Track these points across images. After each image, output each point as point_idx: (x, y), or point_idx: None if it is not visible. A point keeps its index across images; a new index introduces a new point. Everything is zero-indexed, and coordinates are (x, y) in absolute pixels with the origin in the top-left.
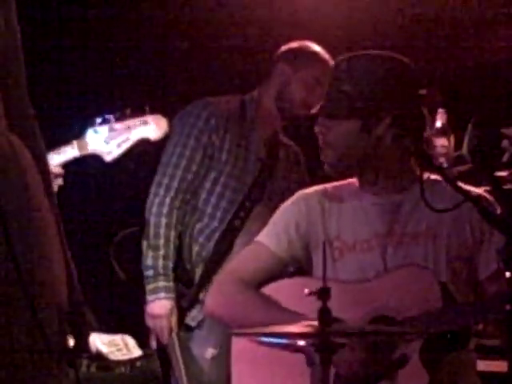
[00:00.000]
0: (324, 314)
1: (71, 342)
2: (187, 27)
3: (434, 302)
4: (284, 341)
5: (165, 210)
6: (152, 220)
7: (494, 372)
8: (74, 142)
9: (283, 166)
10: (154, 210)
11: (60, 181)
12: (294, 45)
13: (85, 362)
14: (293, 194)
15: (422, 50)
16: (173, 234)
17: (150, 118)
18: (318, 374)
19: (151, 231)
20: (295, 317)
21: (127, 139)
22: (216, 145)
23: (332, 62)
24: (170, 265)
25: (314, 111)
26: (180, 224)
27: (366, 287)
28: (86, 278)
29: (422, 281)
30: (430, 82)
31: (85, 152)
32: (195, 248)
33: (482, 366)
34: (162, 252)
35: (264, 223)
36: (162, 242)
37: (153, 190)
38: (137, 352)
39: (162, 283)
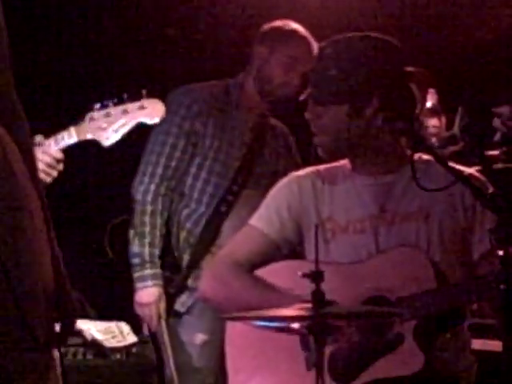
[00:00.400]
0: (317, 297)
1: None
2: (182, 15)
3: (428, 282)
4: (278, 324)
5: (149, 197)
6: (138, 208)
7: (489, 351)
8: (72, 128)
9: (270, 149)
10: (139, 197)
11: (60, 166)
12: (270, 25)
13: (81, 350)
14: (281, 178)
15: (412, 31)
16: (159, 221)
17: (146, 103)
18: (312, 357)
19: (137, 219)
20: (290, 297)
21: (124, 124)
22: (199, 131)
23: (311, 39)
24: (157, 252)
25: (302, 97)
26: (166, 211)
27: (358, 268)
28: (81, 266)
29: (414, 261)
30: (420, 61)
31: (83, 137)
32: (182, 234)
33: (477, 344)
34: (147, 239)
35: (253, 207)
36: (147, 229)
37: (137, 178)
38: (132, 338)
39: (148, 271)
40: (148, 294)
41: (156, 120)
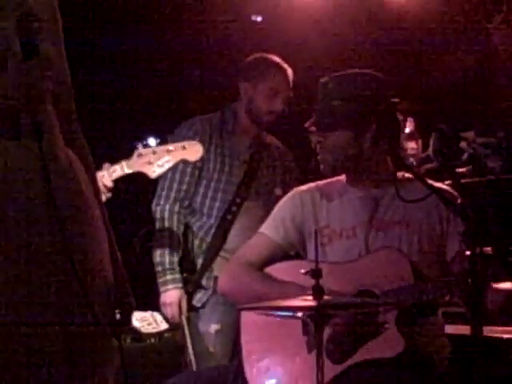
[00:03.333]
0: (317, 290)
1: (117, 317)
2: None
3: (407, 279)
4: (284, 313)
5: (166, 215)
6: (157, 225)
7: (460, 335)
8: (123, 162)
9: (267, 165)
10: (158, 216)
11: (110, 194)
12: (249, 60)
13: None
14: (278, 189)
15: (395, 69)
16: (175, 234)
17: (187, 144)
18: (312, 341)
19: (157, 234)
20: (295, 287)
21: (169, 160)
22: (203, 157)
23: (287, 68)
24: (176, 259)
25: (307, 124)
26: (182, 225)
27: (350, 267)
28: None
29: (397, 261)
30: (400, 94)
31: (133, 170)
32: (196, 242)
33: (450, 329)
34: (167, 250)
35: (253, 216)
36: (166, 241)
37: (155, 200)
38: (164, 326)
39: (169, 276)
40: (169, 295)
41: (197, 158)
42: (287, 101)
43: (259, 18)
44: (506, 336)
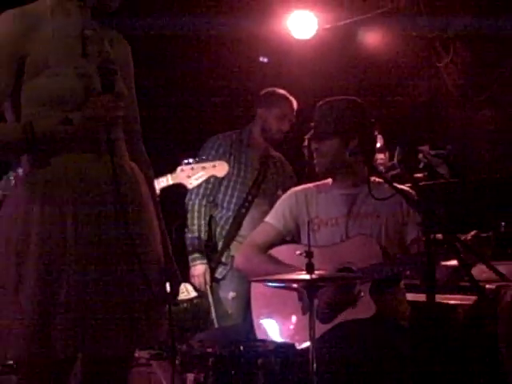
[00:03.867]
0: (309, 267)
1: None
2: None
3: (377, 258)
4: (284, 284)
5: (196, 208)
6: (189, 215)
7: (417, 301)
8: (169, 175)
9: (272, 172)
10: (189, 208)
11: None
12: (264, 92)
13: None
14: (281, 190)
15: (368, 97)
16: (202, 222)
17: (217, 163)
18: (306, 305)
19: (189, 222)
20: (291, 268)
21: (203, 175)
22: None
23: (292, 99)
24: (202, 242)
25: (307, 136)
26: (208, 215)
27: (334, 249)
28: None
29: (369, 244)
30: (372, 115)
31: (175, 182)
32: (218, 229)
33: (409, 296)
34: (196, 234)
35: (262, 210)
36: (195, 228)
37: (187, 196)
38: (193, 294)
39: (197, 254)
40: (197, 269)
41: (223, 174)
42: (292, 123)
43: (266, 60)
44: (451, 302)
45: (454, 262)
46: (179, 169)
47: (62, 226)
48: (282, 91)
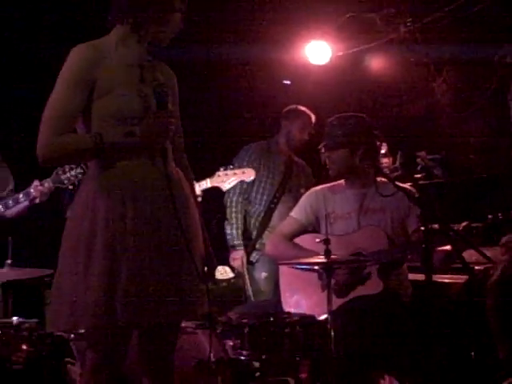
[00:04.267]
0: (327, 252)
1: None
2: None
3: (384, 245)
4: (306, 266)
5: (233, 204)
6: (228, 210)
7: (417, 280)
8: (208, 179)
9: (295, 174)
10: (228, 205)
11: (200, 198)
12: (289, 108)
13: None
14: (303, 190)
15: (374, 112)
16: (239, 216)
17: (246, 170)
18: (324, 283)
19: (228, 216)
20: (312, 253)
21: (235, 179)
22: (256, 168)
23: (311, 114)
24: (240, 232)
25: (320, 146)
26: (244, 210)
27: (348, 238)
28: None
29: (377, 234)
30: (377, 127)
31: (213, 185)
32: (252, 221)
33: (411, 276)
34: (234, 226)
35: (287, 205)
36: (234, 220)
37: (226, 194)
38: (231, 274)
39: (236, 242)
40: (236, 254)
41: (251, 180)
42: (311, 133)
43: (288, 82)
44: (446, 280)
45: (448, 248)
46: (216, 174)
47: (122, 220)
48: (302, 107)
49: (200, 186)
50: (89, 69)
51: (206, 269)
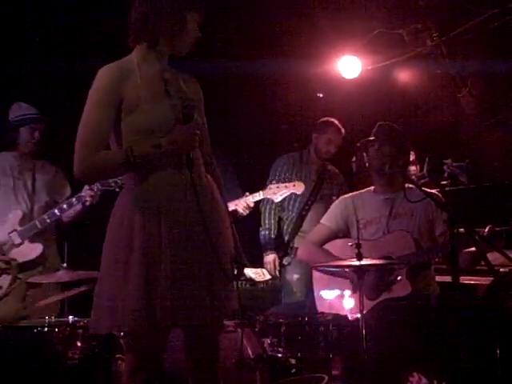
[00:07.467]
0: (358, 255)
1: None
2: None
3: (411, 248)
4: (338, 269)
5: (267, 211)
6: (262, 216)
7: (444, 281)
8: (260, 191)
9: (327, 182)
10: (262, 211)
11: (251, 210)
12: (320, 121)
13: (243, 282)
14: (334, 197)
15: (403, 122)
16: (273, 221)
17: (296, 184)
18: (356, 285)
19: (263, 221)
20: (337, 258)
21: (285, 192)
22: (289, 177)
23: (340, 126)
24: (273, 236)
25: (363, 140)
26: (277, 216)
27: (377, 242)
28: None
29: (405, 238)
30: (407, 136)
31: (265, 196)
32: (285, 227)
33: (438, 278)
34: (267, 231)
35: (319, 212)
36: (267, 226)
37: (261, 203)
38: (268, 276)
39: (269, 246)
40: (269, 257)
41: (301, 192)
42: (338, 146)
43: (321, 95)
44: (472, 282)
45: (473, 249)
46: (268, 187)
47: (158, 228)
48: (332, 120)
49: (253, 198)
50: (116, 88)
51: (235, 266)
